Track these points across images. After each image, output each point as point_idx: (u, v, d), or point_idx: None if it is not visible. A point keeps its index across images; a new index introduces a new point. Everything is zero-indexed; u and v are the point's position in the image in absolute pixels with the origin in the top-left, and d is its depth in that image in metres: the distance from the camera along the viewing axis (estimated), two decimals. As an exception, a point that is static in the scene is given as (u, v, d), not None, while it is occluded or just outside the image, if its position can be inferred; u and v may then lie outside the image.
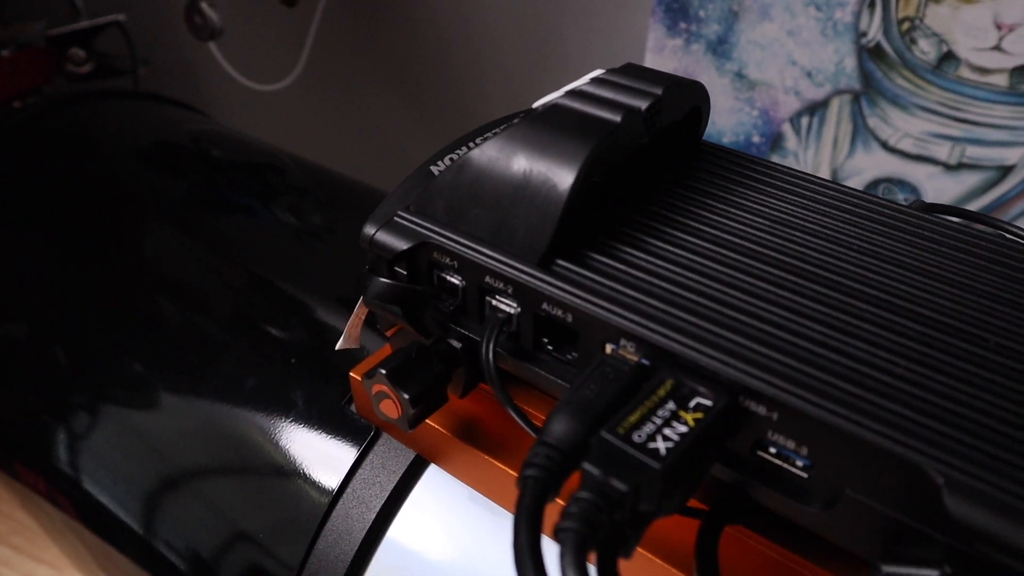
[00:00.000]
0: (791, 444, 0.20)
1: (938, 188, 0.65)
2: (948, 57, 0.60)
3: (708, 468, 0.21)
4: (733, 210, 0.26)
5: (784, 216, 0.26)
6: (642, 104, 0.24)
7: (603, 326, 0.22)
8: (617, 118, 0.24)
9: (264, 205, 0.53)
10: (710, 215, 0.25)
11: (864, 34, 0.61)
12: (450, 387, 0.27)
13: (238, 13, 0.79)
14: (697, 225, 0.25)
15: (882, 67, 0.62)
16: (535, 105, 0.26)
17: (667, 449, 0.19)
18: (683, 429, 0.19)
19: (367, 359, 0.31)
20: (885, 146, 0.65)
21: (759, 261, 0.24)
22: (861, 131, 0.65)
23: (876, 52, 0.62)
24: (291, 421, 0.33)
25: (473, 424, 0.29)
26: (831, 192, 0.27)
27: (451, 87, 0.86)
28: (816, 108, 0.66)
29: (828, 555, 0.23)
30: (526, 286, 0.23)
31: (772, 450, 0.21)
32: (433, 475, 0.31)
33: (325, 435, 0.32)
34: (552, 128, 0.23)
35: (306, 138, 0.92)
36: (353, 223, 0.50)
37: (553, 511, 0.19)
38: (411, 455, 0.31)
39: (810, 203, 0.26)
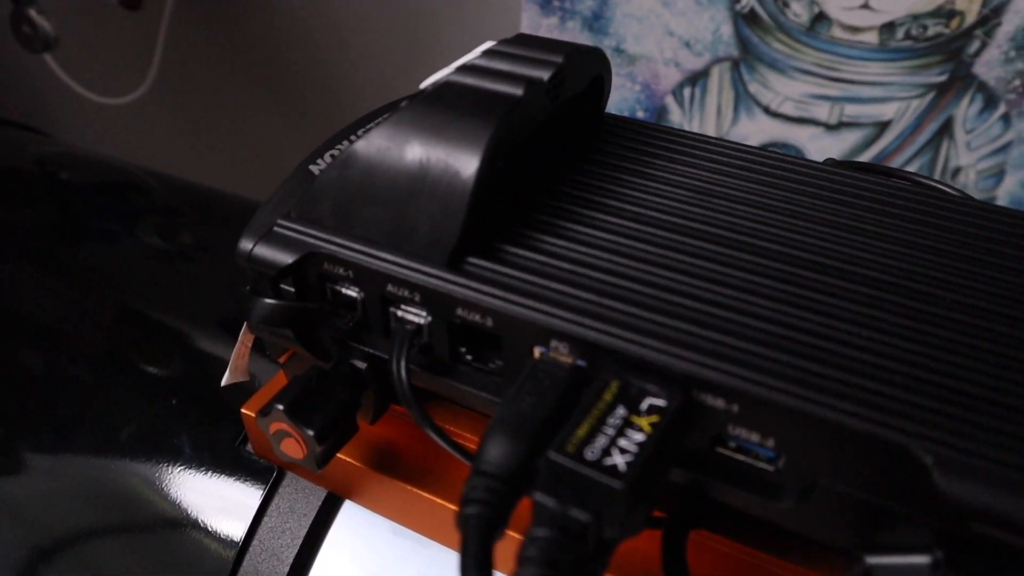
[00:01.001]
0: (755, 437, 0.18)
1: (821, 148, 0.66)
2: (820, 18, 0.60)
3: (668, 475, 0.19)
4: (651, 183, 0.23)
5: (705, 185, 0.24)
6: (544, 74, 0.22)
7: (529, 327, 0.19)
8: (519, 91, 0.21)
9: (126, 229, 0.47)
10: (628, 191, 0.23)
11: (738, 0, 0.61)
12: (358, 413, 0.24)
13: (73, 20, 0.71)
14: (616, 204, 0.22)
15: (758, 32, 0.62)
16: (423, 85, 0.23)
17: (627, 464, 0.16)
18: (640, 437, 0.17)
19: (260, 392, 0.27)
20: (767, 111, 0.65)
21: (689, 236, 0.21)
22: (743, 98, 0.65)
23: (751, 17, 0.62)
24: (180, 469, 0.29)
25: (389, 451, 0.25)
26: (744, 155, 0.25)
27: (320, 82, 0.81)
28: (697, 78, 0.66)
29: (802, 551, 0.21)
30: (435, 291, 0.20)
31: (733, 445, 0.19)
32: (349, 512, 0.27)
33: (221, 481, 0.28)
34: (447, 108, 0.20)
35: (166, 153, 0.85)
36: (228, 239, 0.45)
37: (503, 547, 0.16)
38: (322, 493, 0.27)
39: (727, 168, 0.24)
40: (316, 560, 0.27)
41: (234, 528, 0.27)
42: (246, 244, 0.22)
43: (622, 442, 0.17)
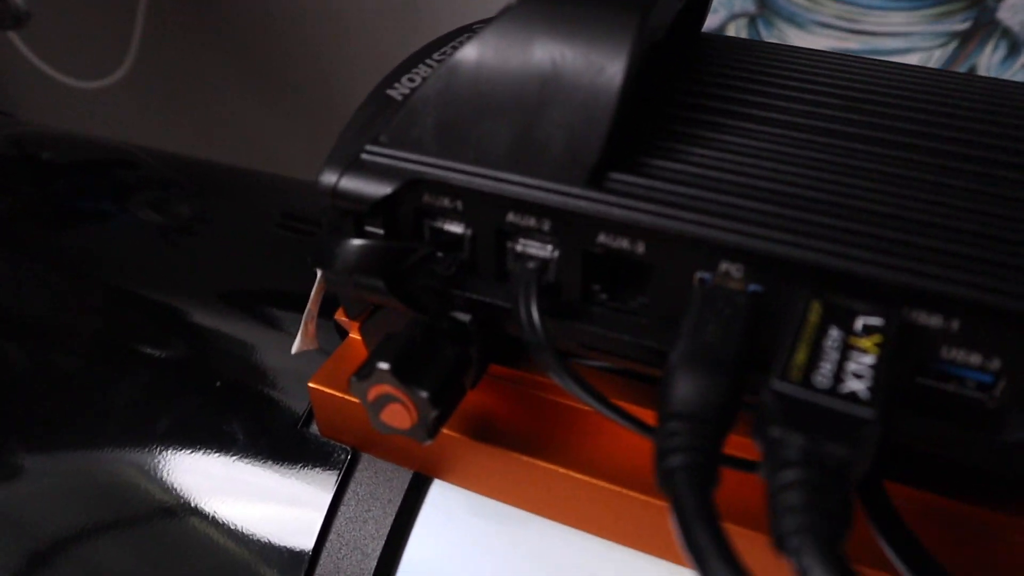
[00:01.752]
0: (975, 359, 0.15)
1: (841, 105, 0.63)
2: (840, -34, 0.58)
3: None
4: (790, 92, 0.20)
5: (853, 95, 0.21)
6: (677, -39, 0.18)
7: (697, 248, 0.16)
8: (656, -24, 0.18)
9: (118, 206, 0.43)
10: (765, 100, 0.20)
11: (754, -48, 0.59)
12: (458, 376, 0.20)
13: (44, -3, 0.66)
14: (759, 112, 0.19)
15: (775, -15, 0.60)
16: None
17: (868, 389, 0.13)
18: (869, 359, 0.14)
19: (328, 363, 0.24)
20: (785, 69, 0.63)
21: (854, 141, 0.18)
22: (760, 56, 0.63)
23: (768, -30, 0.59)
24: (235, 459, 0.26)
25: (490, 420, 0.22)
26: (877, 65, 0.22)
27: (310, 58, 0.77)
28: (712, 38, 0.63)
29: (1004, 493, 0.18)
30: (575, 214, 0.17)
31: (941, 371, 0.16)
32: (441, 494, 0.24)
33: (286, 469, 0.25)
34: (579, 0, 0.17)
35: (147, 139, 0.80)
36: (229, 207, 0.42)
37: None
38: (407, 474, 0.24)
39: (868, 76, 0.22)
40: (406, 550, 0.23)
41: (308, 521, 0.24)
42: (330, 176, 0.19)
43: (851, 366, 0.14)
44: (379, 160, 0.18)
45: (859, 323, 0.15)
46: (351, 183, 0.18)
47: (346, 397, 0.23)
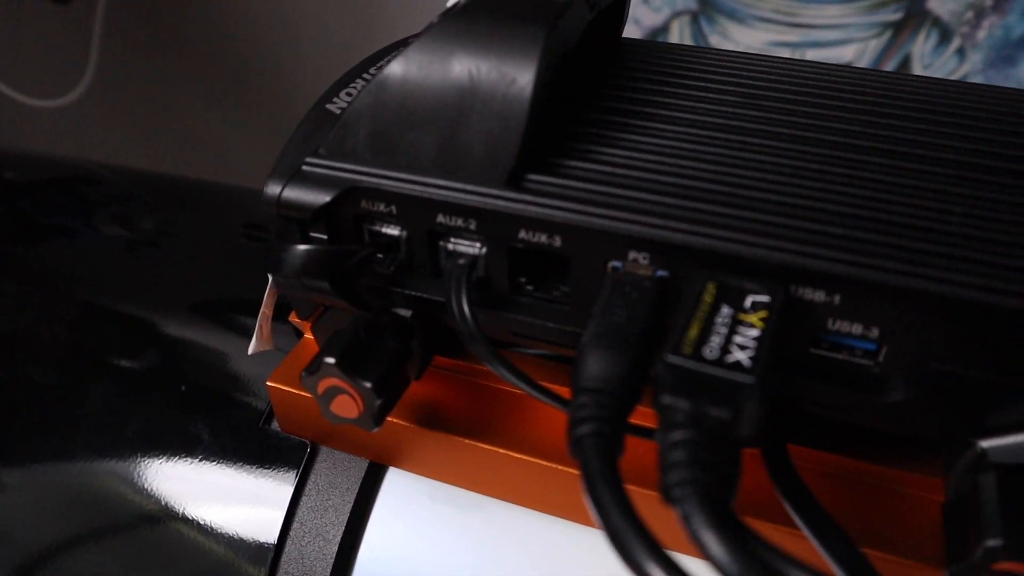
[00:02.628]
0: (857, 329, 0.17)
1: (785, 96, 0.66)
2: (776, -38, 0.60)
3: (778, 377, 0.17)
4: (691, 92, 0.22)
5: (748, 91, 0.22)
6: (584, -23, 0.20)
7: (606, 240, 0.18)
8: (563, -7, 0.19)
9: (84, 222, 0.44)
10: (672, 100, 0.22)
11: (693, -49, 0.61)
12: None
13: (-6, 12, 0.66)
14: (665, 112, 0.21)
15: (715, -18, 0.62)
16: (451, 2, 0.21)
17: (750, 359, 0.15)
18: (754, 332, 0.16)
19: (284, 362, 0.25)
20: (729, 63, 0.65)
21: (749, 135, 0.20)
22: (704, 51, 0.65)
23: (707, -32, 0.61)
24: (202, 459, 0.27)
25: (436, 407, 0.24)
26: (774, 62, 0.24)
27: (268, 65, 0.78)
28: (657, 33, 0.65)
29: (895, 453, 0.20)
30: (496, 213, 0.19)
31: (830, 342, 0.18)
32: (395, 480, 0.25)
33: (250, 467, 0.26)
34: (492, 15, 0.19)
35: (109, 156, 0.80)
36: (191, 220, 0.43)
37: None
38: (364, 463, 0.25)
39: (765, 74, 0.23)
40: (365, 534, 0.25)
41: (272, 511, 0.25)
42: (274, 188, 0.20)
43: (737, 339, 0.16)
44: (318, 171, 0.20)
45: (748, 301, 0.16)
46: (293, 193, 0.20)
47: (302, 393, 0.24)
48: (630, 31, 0.65)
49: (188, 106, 0.83)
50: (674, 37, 0.65)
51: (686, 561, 0.13)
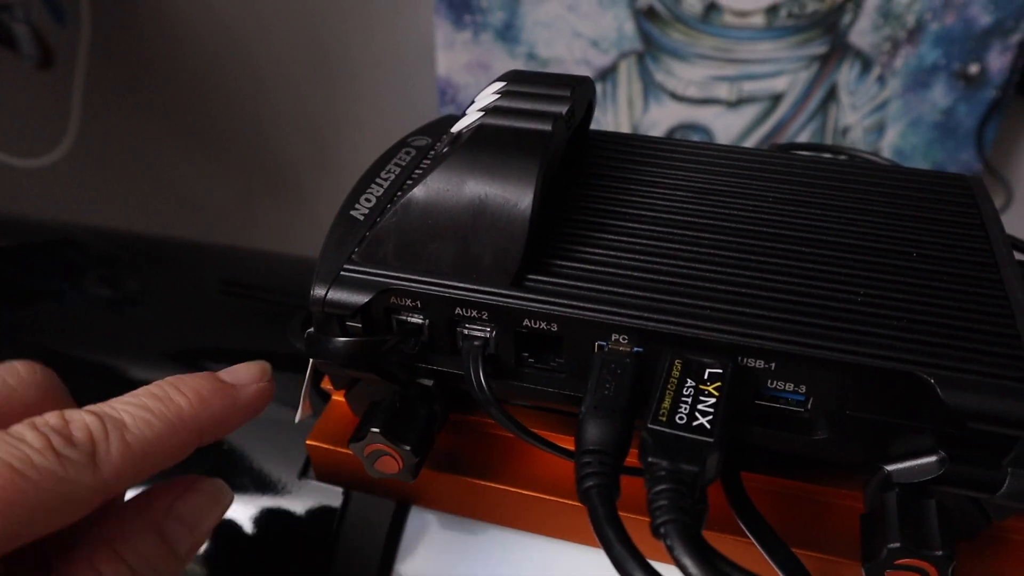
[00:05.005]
0: (790, 387, 0.23)
1: (726, 125, 0.72)
2: (712, 7, 0.66)
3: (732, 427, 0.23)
4: (652, 189, 0.27)
5: (693, 184, 0.28)
6: (562, 108, 0.25)
7: (593, 328, 0.23)
8: (547, 127, 0.24)
9: (72, 285, 0.48)
10: (637, 198, 0.27)
11: (636, -2, 0.66)
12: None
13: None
14: (632, 211, 0.26)
15: (658, 25, 0.67)
16: (455, 129, 0.26)
17: (709, 422, 0.20)
18: (711, 400, 0.21)
19: (319, 423, 0.30)
20: (674, 96, 0.71)
21: (699, 230, 0.25)
22: (651, 87, 0.71)
23: (650, 13, 0.67)
24: (252, 503, 0.31)
25: (452, 455, 0.28)
26: (716, 153, 0.29)
27: (243, 117, 0.82)
28: (607, 73, 0.70)
29: (827, 475, 0.25)
30: (504, 308, 0.23)
31: (770, 396, 0.23)
32: (417, 516, 0.30)
33: (292, 512, 0.31)
34: (494, 149, 0.24)
35: (92, 214, 0.83)
36: (171, 278, 0.47)
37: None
38: (391, 504, 0.30)
39: (710, 167, 0.29)
40: (395, 562, 0.30)
41: (317, 546, 0.30)
42: (319, 291, 0.25)
43: (700, 406, 0.21)
44: (356, 276, 0.25)
45: (706, 372, 0.22)
46: (336, 295, 0.24)
47: (338, 449, 0.29)
48: (580, 72, 0.70)
49: (166, 164, 0.86)
50: (623, 76, 0.70)
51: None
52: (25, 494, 0.17)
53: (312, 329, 0.26)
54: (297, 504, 0.31)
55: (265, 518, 0.31)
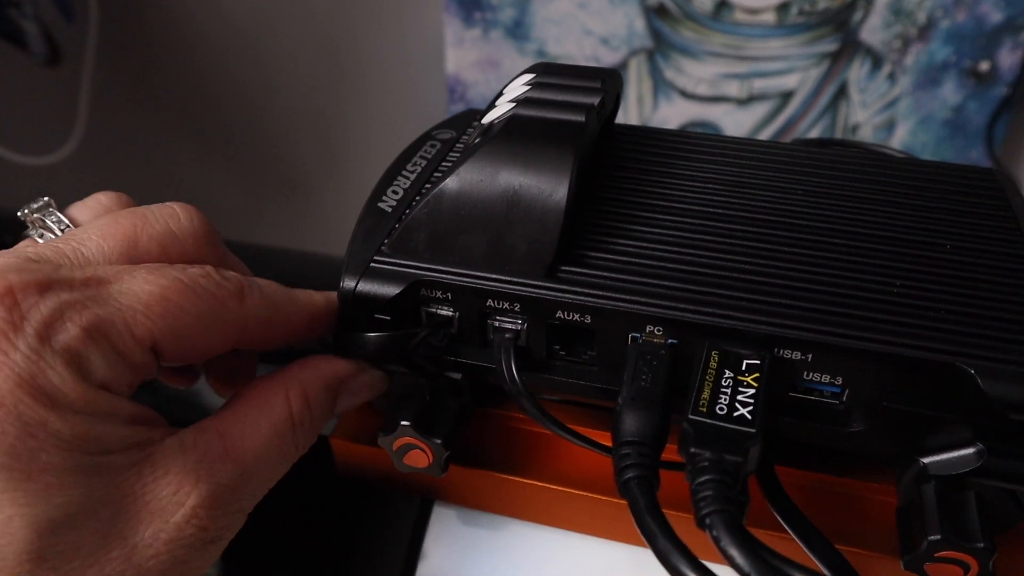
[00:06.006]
0: (826, 378, 0.22)
1: (736, 122, 0.71)
2: (722, 5, 0.66)
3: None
4: (682, 181, 0.27)
5: (726, 178, 0.27)
6: (594, 100, 0.25)
7: (628, 319, 0.23)
8: (581, 118, 0.24)
9: None
10: (667, 191, 0.27)
11: (647, -4, 0.66)
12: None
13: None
14: (662, 203, 0.26)
15: (668, 23, 0.67)
16: (486, 120, 0.25)
17: (750, 412, 0.20)
18: (750, 391, 0.21)
19: (342, 420, 0.30)
20: (684, 94, 0.71)
21: (731, 223, 0.25)
22: (661, 84, 0.70)
23: (660, 10, 0.67)
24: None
25: (477, 450, 0.28)
26: (741, 146, 0.29)
27: (251, 116, 0.81)
28: (617, 71, 0.70)
29: (854, 467, 0.25)
30: (537, 299, 0.23)
31: (805, 388, 0.23)
32: (440, 511, 0.30)
33: (317, 508, 0.31)
34: (528, 140, 0.23)
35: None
36: None
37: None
38: (416, 500, 0.30)
39: (736, 160, 0.28)
40: (421, 556, 0.29)
41: (341, 543, 0.30)
42: (349, 282, 0.24)
43: (740, 397, 0.21)
44: (386, 267, 0.24)
45: (743, 364, 0.21)
46: (367, 287, 0.24)
47: (362, 446, 0.28)
48: (592, 69, 0.70)
49: (173, 162, 0.86)
50: (633, 73, 0.70)
51: (716, 568, 0.18)
52: (192, 303, 0.21)
53: (340, 322, 0.26)
54: (321, 501, 0.31)
55: (289, 515, 0.31)
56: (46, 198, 0.25)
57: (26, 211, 0.25)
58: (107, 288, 0.20)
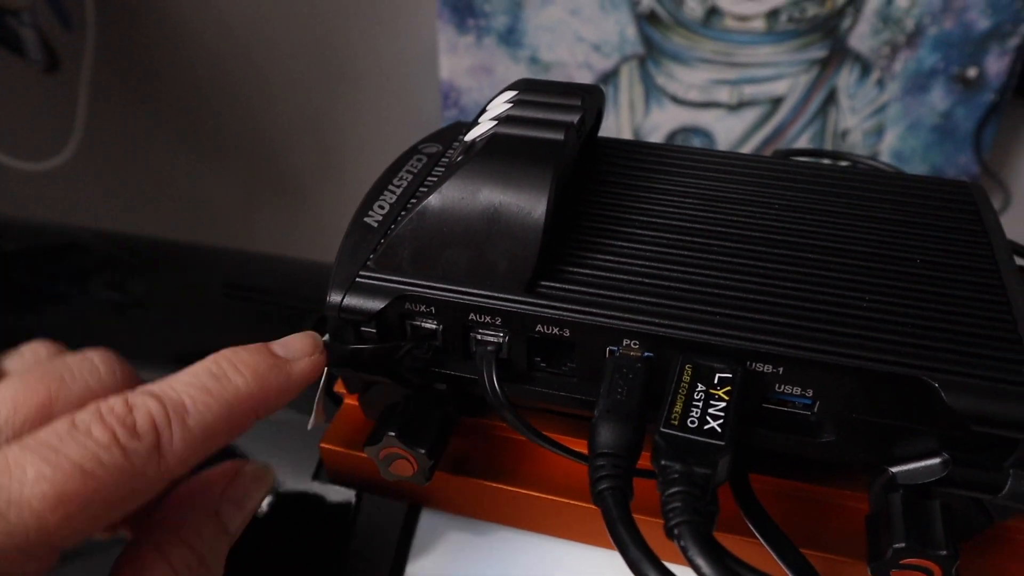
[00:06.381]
0: (797, 390, 0.23)
1: (726, 128, 0.72)
2: (713, 11, 0.67)
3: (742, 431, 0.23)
4: (662, 196, 0.28)
5: (700, 191, 0.28)
6: (573, 118, 0.26)
7: (606, 333, 0.23)
8: (560, 136, 0.25)
9: (79, 288, 0.48)
10: (646, 205, 0.27)
11: (638, 2, 0.67)
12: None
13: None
14: (641, 218, 0.27)
15: (659, 29, 0.68)
16: (468, 138, 0.26)
17: (720, 426, 0.21)
18: (722, 404, 0.21)
19: (331, 427, 0.30)
20: (675, 100, 0.71)
21: (707, 237, 0.26)
22: (652, 90, 0.71)
23: (651, 17, 0.68)
24: (259, 512, 0.32)
25: (463, 458, 0.29)
26: (722, 160, 0.30)
27: (247, 121, 0.82)
28: (609, 77, 0.71)
29: (831, 477, 0.26)
30: (517, 314, 0.24)
31: (778, 399, 0.24)
32: (428, 518, 0.31)
33: (307, 511, 0.31)
34: (508, 158, 0.24)
35: (98, 216, 0.83)
36: (176, 281, 0.47)
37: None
38: (403, 507, 0.30)
39: (716, 174, 0.29)
40: (408, 563, 0.30)
41: (329, 548, 0.30)
42: (335, 297, 0.25)
43: (710, 410, 0.21)
44: (371, 282, 0.25)
45: (716, 377, 0.22)
46: (352, 301, 0.25)
47: (351, 452, 0.29)
48: (582, 76, 0.71)
49: (170, 168, 0.87)
50: (624, 80, 0.71)
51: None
52: (96, 492, 0.18)
53: (328, 335, 0.26)
54: (309, 506, 0.31)
55: (278, 520, 0.31)
56: None
57: None
58: None
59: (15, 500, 0.18)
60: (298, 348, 0.24)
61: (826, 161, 0.32)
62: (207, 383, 0.21)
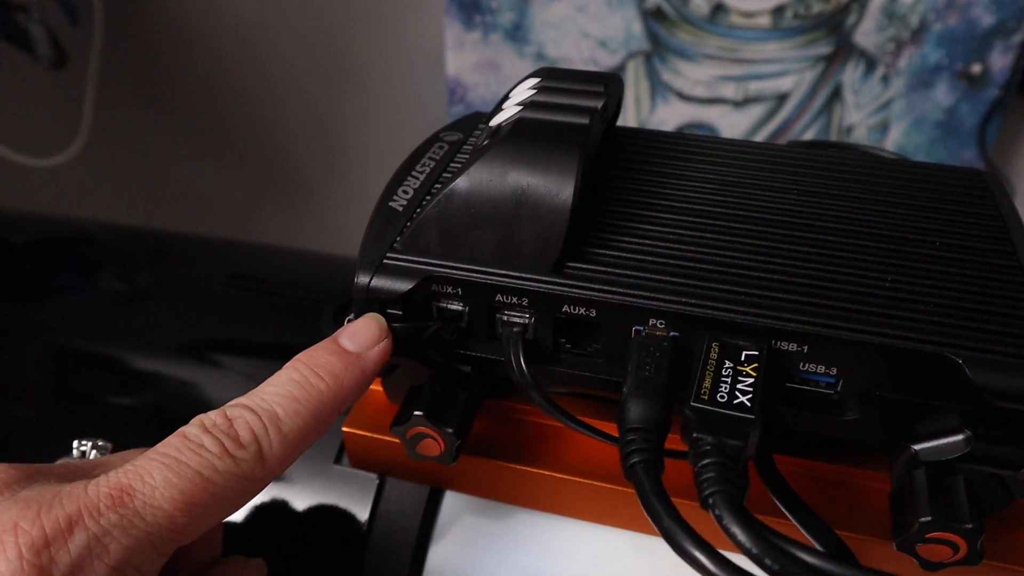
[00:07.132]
0: (821, 369, 0.23)
1: (732, 124, 0.73)
2: (719, 8, 0.67)
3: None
4: (683, 182, 0.28)
5: (725, 178, 0.28)
6: (597, 103, 0.26)
7: (632, 313, 0.24)
8: (585, 120, 0.25)
9: (87, 280, 0.48)
10: (668, 190, 0.28)
11: (644, -1, 0.67)
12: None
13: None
14: (664, 202, 0.27)
15: (665, 26, 0.68)
16: (494, 123, 0.26)
17: (749, 400, 0.21)
18: (750, 380, 0.22)
19: (354, 410, 0.30)
20: (681, 96, 0.72)
21: (731, 221, 0.26)
22: (658, 86, 0.72)
23: (658, 14, 0.68)
24: (284, 491, 0.32)
25: (486, 440, 0.29)
26: (739, 148, 0.30)
27: (253, 118, 0.82)
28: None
29: (848, 455, 0.26)
30: (545, 294, 0.24)
31: (801, 378, 0.24)
32: (451, 501, 0.31)
33: (330, 497, 0.31)
34: (535, 142, 0.24)
35: (105, 212, 0.83)
36: (181, 273, 0.48)
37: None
38: (425, 490, 0.31)
39: (735, 161, 0.30)
40: (431, 547, 0.30)
41: (352, 532, 0.31)
42: (363, 278, 0.25)
43: (739, 386, 0.22)
44: (399, 264, 0.25)
45: (742, 355, 0.22)
46: (380, 282, 0.25)
47: (374, 436, 0.29)
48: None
49: (176, 163, 0.87)
50: (631, 76, 0.71)
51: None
52: (215, 496, 0.21)
53: (353, 317, 0.27)
54: (332, 490, 0.32)
55: (300, 504, 0.32)
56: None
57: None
58: (132, 502, 0.20)
59: (150, 503, 0.20)
60: (367, 338, 0.25)
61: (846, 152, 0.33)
62: (293, 391, 0.23)
